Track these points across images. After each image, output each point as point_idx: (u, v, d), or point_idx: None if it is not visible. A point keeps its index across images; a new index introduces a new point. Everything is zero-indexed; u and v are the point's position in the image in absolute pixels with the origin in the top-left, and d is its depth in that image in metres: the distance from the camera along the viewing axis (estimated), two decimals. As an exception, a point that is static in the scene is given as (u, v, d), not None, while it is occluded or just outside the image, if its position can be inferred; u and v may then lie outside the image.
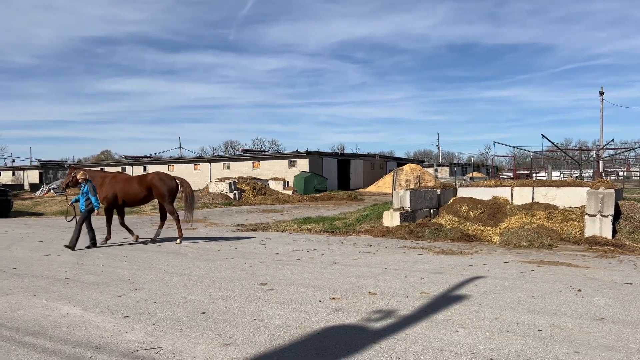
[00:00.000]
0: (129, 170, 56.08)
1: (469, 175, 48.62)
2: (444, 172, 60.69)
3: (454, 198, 16.41)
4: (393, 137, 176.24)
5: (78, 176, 11.52)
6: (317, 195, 34.89)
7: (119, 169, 56.80)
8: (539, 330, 5.01)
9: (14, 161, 77.49)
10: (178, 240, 12.25)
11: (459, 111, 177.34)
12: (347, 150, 76.19)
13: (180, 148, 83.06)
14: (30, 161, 75.21)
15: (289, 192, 34.83)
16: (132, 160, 59.69)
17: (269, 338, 4.86)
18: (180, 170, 52.68)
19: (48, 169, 64.01)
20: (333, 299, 6.38)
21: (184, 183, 12.85)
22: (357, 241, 12.47)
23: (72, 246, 11.00)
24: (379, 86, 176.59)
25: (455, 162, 77.49)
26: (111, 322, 5.43)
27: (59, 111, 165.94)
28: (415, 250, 10.67)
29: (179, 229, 12.35)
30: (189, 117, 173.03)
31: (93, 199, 11.35)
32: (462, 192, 16.86)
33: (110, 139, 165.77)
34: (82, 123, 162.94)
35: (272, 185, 36.64)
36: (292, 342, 4.74)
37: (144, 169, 55.77)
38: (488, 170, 65.51)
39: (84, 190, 11.36)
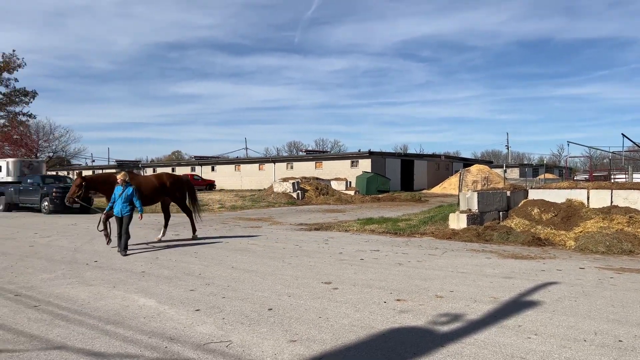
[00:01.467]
0: (197, 170, 58.28)
1: (541, 176, 46.47)
2: (514, 173, 58.37)
3: (524, 200, 15.75)
4: (459, 137, 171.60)
5: (119, 178, 10.70)
6: (380, 196, 34.64)
7: (188, 169, 59.22)
8: (620, 340, 4.71)
9: (93, 161, 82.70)
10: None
11: (531, 110, 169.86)
12: (411, 151, 75.06)
13: (247, 149, 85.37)
14: (108, 161, 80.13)
15: (351, 193, 34.81)
16: (201, 161, 61.99)
17: (334, 336, 4.90)
18: (246, 170, 54.18)
19: (124, 168, 67.77)
20: (398, 300, 6.33)
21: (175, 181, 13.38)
22: (422, 243, 12.27)
23: (124, 250, 10.26)
24: (446, 85, 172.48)
25: (525, 162, 74.33)
26: (184, 315, 5.68)
27: (134, 113, 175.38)
28: (484, 254, 10.35)
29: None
30: (255, 118, 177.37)
31: (138, 203, 10.65)
32: (534, 194, 16.14)
33: (180, 139, 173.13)
34: (155, 125, 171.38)
35: (334, 185, 36.79)
36: (358, 342, 4.75)
37: (212, 169, 57.78)
38: (561, 172, 62.25)
39: (128, 194, 10.49)
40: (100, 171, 72.25)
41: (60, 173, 51.78)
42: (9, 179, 26.96)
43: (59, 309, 5.90)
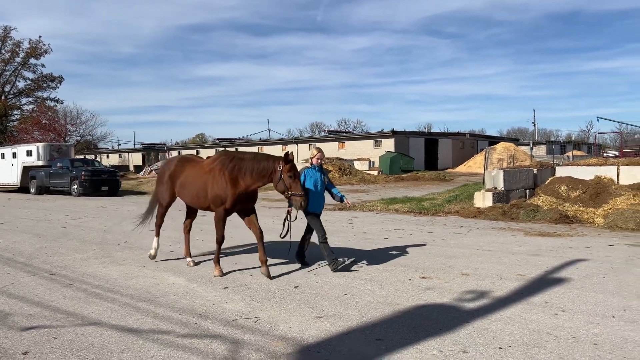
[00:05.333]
0: (221, 152, 58.79)
1: (569, 153, 45.48)
2: (540, 150, 57.25)
3: (551, 178, 15.47)
4: (485, 115, 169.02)
5: (314, 155, 7.13)
6: (404, 175, 34.42)
7: (212, 151, 59.79)
8: (650, 317, 4.65)
9: (120, 144, 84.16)
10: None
11: (561, 85, 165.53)
12: (435, 130, 74.26)
13: (269, 130, 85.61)
14: (134, 144, 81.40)
15: (374, 173, 34.69)
16: (225, 143, 62.50)
17: (359, 313, 4.96)
18: (269, 151, 54.29)
19: (149, 151, 68.87)
20: (423, 277, 6.35)
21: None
22: (447, 222, 12.21)
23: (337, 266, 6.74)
24: (472, 61, 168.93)
25: (552, 140, 72.75)
26: (212, 293, 5.81)
27: (159, 97, 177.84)
28: (510, 232, 10.25)
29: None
30: (278, 99, 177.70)
31: (336, 190, 7.41)
32: (561, 172, 15.83)
33: (204, 122, 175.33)
34: (180, 108, 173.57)
35: (357, 165, 36.69)
36: (383, 318, 4.80)
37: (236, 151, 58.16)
38: (590, 149, 60.78)
39: (326, 180, 7.25)
40: (126, 154, 73.42)
41: (88, 157, 52.88)
42: (40, 163, 27.67)
43: (92, 287, 6.10)
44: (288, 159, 6.33)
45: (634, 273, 6.36)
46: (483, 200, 14.24)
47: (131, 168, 62.23)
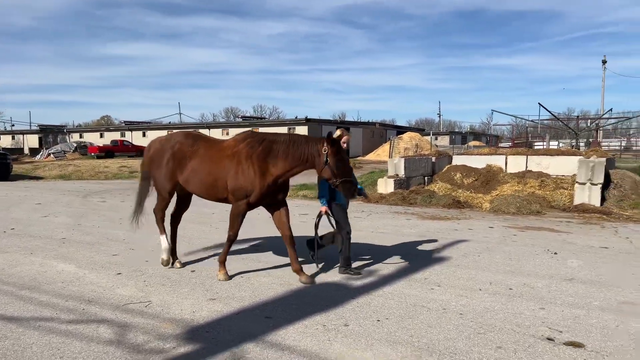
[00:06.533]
0: (128, 136, 56.09)
1: (470, 144, 48.64)
2: (444, 140, 60.60)
3: (448, 166, 16.56)
4: (397, 105, 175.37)
5: (343, 136, 5.87)
6: (316, 162, 34.92)
7: (118, 134, 56.84)
8: (510, 289, 5.26)
9: (13, 125, 77.41)
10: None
11: (465, 79, 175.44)
12: (349, 118, 75.89)
13: (180, 114, 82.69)
14: (30, 125, 75.19)
15: (288, 159, 34.85)
16: (132, 126, 59.57)
17: (253, 294, 5.12)
18: (179, 136, 52.48)
19: (48, 133, 63.94)
20: (318, 258, 6.61)
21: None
22: (350, 207, 12.65)
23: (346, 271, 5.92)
24: (385, 52, 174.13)
25: (456, 130, 77.30)
26: (104, 279, 5.68)
27: (60, 75, 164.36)
28: (405, 216, 10.91)
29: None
30: (191, 82, 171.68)
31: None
32: (457, 160, 17.01)
33: (111, 103, 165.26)
34: (83, 87, 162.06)
35: (271, 152, 36.62)
36: (275, 298, 5.00)
37: (144, 135, 55.77)
38: (488, 140, 65.44)
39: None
40: (21, 136, 67.66)
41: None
42: None
43: (-30, 277, 5.72)
44: (333, 139, 5.29)
45: (504, 251, 7.10)
46: (385, 186, 14.94)
47: (26, 151, 57.59)
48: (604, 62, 46.44)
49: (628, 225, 9.62)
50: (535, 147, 32.26)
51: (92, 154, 40.39)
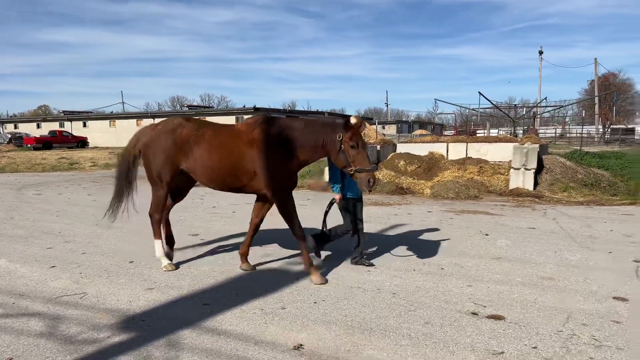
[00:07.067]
0: (67, 126, 53.69)
1: (416, 132, 49.78)
2: (391, 129, 61.71)
3: (392, 154, 16.95)
4: (346, 94, 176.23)
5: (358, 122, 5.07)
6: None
7: (56, 125, 54.30)
8: (442, 268, 5.53)
9: (-61, 116, 72.30)
10: None
11: (412, 69, 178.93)
12: (299, 107, 75.91)
13: (123, 103, 79.83)
14: (-42, 116, 70.40)
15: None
16: (71, 116, 57.03)
17: (192, 282, 5.13)
18: (122, 127, 50.98)
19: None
20: (260, 247, 6.69)
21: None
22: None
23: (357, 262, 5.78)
24: (334, 42, 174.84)
25: (403, 119, 78.85)
26: (37, 272, 5.52)
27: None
28: (349, 203, 11.10)
29: None
30: (134, 70, 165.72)
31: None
32: (401, 148, 17.44)
33: (48, 92, 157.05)
34: (18, 75, 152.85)
35: (219, 141, 36.15)
36: (214, 285, 5.03)
37: (84, 125, 53.57)
38: (433, 128, 67.21)
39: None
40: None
41: None
42: None
43: None
44: (349, 125, 4.88)
45: (440, 234, 7.41)
46: (331, 174, 15.11)
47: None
48: (541, 52, 48.61)
49: (557, 207, 10.24)
50: (477, 135, 33.54)
51: (29, 145, 38.43)
